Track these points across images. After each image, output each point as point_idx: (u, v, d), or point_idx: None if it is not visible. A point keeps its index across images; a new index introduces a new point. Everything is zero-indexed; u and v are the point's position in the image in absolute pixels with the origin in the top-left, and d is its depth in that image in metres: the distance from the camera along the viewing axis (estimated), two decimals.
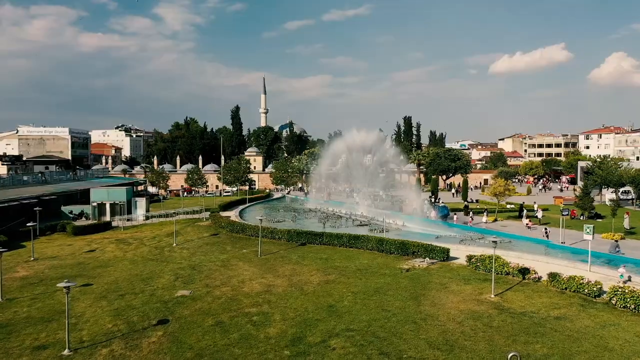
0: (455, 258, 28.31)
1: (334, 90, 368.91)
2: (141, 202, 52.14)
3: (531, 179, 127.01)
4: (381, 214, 46.55)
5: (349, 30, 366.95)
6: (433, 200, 62.91)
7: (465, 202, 57.84)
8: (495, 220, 44.20)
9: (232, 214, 49.18)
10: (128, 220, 49.96)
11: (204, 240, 37.71)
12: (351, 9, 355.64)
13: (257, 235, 34.62)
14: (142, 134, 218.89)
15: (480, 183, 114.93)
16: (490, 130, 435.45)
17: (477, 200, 68.16)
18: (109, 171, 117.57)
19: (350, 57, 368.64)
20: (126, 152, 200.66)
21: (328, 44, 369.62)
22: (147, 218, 50.69)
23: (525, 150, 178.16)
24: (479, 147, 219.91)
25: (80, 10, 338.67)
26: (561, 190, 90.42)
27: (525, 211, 45.27)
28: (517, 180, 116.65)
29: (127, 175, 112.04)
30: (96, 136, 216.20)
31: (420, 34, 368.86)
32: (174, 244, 36.58)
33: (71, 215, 51.38)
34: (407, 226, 40.97)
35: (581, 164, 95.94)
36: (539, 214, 44.48)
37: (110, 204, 51.04)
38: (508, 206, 55.00)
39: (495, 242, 21.16)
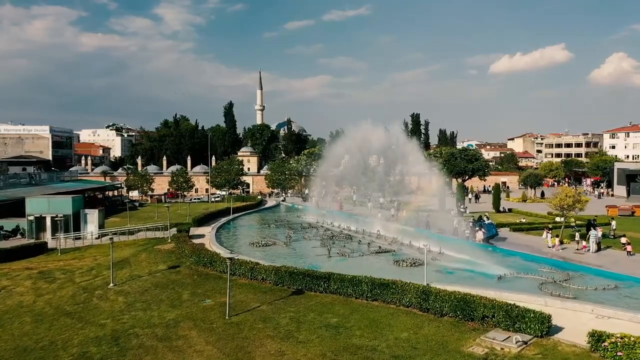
0: (559, 329, 16.63)
1: (334, 91, 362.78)
2: (92, 216, 40.36)
3: (550, 181, 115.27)
4: (405, 233, 34.96)
5: (349, 30, 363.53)
6: (462, 210, 51.31)
7: (485, 214, 44.21)
8: (561, 242, 32.50)
9: (207, 232, 37.45)
10: (77, 238, 38.41)
11: (155, 278, 25.99)
12: (351, 10, 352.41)
13: (230, 272, 23.22)
14: (134, 134, 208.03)
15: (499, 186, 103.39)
16: (491, 130, 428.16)
17: (509, 210, 56.57)
18: (88, 173, 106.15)
19: (350, 57, 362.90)
20: (116, 152, 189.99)
21: (328, 45, 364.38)
22: (99, 236, 39.06)
23: (539, 151, 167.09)
24: (487, 147, 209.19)
25: (80, 10, 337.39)
26: (599, 196, 78.66)
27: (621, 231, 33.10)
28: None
29: (107, 178, 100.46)
30: (85, 135, 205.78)
31: (420, 34, 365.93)
32: (111, 284, 24.96)
33: (2, 233, 39.77)
34: (446, 254, 29.27)
35: (619, 165, 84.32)
36: (599, 233, 31.61)
37: (52, 217, 39.33)
38: (557, 219, 43.49)
39: None
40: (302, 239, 36.21)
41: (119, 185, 78.63)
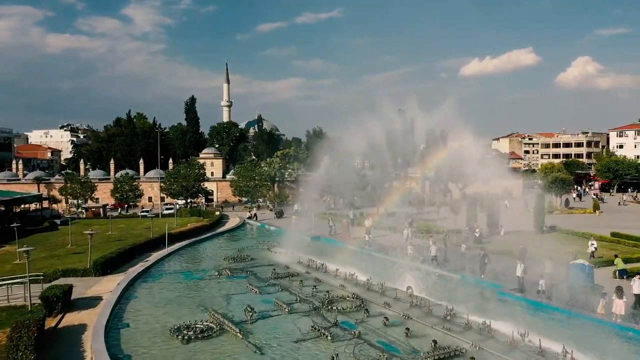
0: None
1: (307, 93, 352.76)
2: None
3: None
4: (457, 291, 19.63)
5: (322, 33, 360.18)
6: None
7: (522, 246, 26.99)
8: None
9: (108, 292, 21.19)
10: None
11: None
12: (324, 12, 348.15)
13: None
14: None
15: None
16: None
17: (552, 227, 42.12)
18: (19, 179, 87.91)
19: (323, 59, 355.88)
20: (69, 154, 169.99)
21: (301, 47, 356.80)
22: None
23: (529, 152, 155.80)
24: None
25: (46, 10, 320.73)
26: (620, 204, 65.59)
27: None
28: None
29: (41, 186, 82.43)
30: (36, 137, 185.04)
31: (392, 38, 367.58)
32: None
33: None
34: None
35: None
36: None
37: None
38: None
39: None
40: (275, 306, 19.93)
41: (38, 196, 61.00)
